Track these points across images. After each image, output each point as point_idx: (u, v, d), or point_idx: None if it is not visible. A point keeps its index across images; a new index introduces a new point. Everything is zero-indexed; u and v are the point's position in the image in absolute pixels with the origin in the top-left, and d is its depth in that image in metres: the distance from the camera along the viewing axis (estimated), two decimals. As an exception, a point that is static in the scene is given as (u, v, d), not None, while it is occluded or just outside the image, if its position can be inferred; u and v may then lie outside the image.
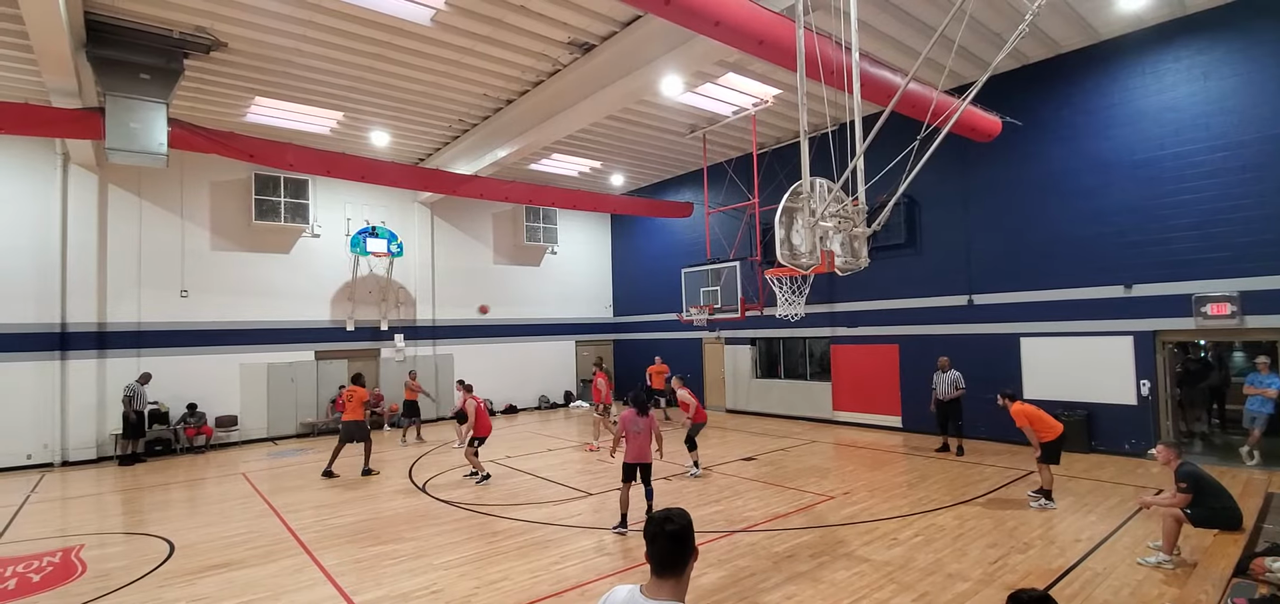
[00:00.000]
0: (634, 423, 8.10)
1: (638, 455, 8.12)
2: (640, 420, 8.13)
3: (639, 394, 8.32)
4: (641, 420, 8.12)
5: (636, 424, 8.11)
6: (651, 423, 8.19)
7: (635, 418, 8.12)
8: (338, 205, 18.26)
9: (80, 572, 7.33)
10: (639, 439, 8.11)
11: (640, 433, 8.10)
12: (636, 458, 8.11)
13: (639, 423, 8.11)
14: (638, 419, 8.12)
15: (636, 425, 8.11)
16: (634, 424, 8.10)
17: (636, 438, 8.10)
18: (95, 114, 10.80)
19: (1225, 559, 5.59)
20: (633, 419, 8.12)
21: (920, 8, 10.44)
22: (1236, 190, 10.51)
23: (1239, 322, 10.41)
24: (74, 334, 14.22)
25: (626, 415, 8.13)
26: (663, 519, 2.30)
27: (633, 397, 8.32)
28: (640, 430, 8.11)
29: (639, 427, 8.10)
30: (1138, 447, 11.43)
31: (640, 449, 8.12)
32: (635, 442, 8.10)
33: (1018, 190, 13.07)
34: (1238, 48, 10.55)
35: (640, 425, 8.12)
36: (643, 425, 8.11)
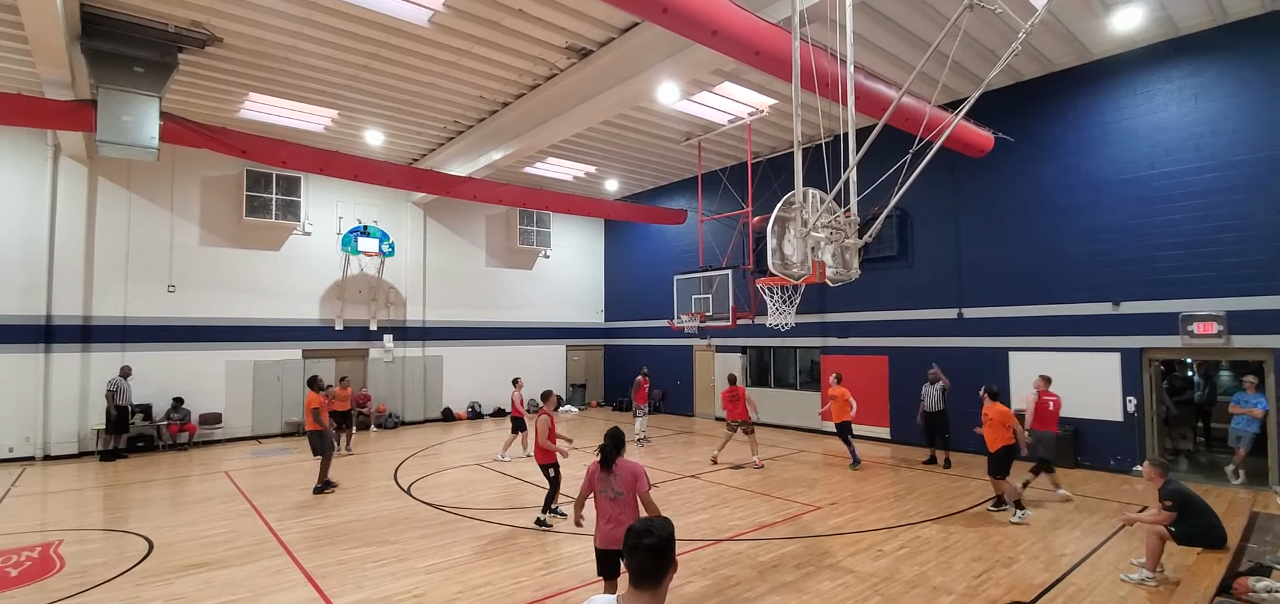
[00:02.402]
0: (605, 482, 5.11)
1: (609, 538, 5.05)
2: (613, 479, 5.08)
3: (606, 444, 5.24)
4: (615, 478, 5.08)
5: (610, 485, 5.09)
6: (635, 482, 5.05)
7: (602, 475, 5.14)
8: (330, 203, 18.18)
9: (58, 567, 7.23)
10: (614, 509, 5.07)
11: (616, 500, 5.07)
12: (607, 541, 5.07)
13: (609, 482, 5.10)
14: (609, 478, 5.10)
15: (610, 487, 5.09)
16: (606, 485, 5.11)
17: (609, 507, 5.09)
18: (87, 106, 10.71)
19: (1209, 578, 5.62)
20: (600, 476, 5.15)
21: (915, 22, 10.51)
22: (1225, 211, 10.62)
23: (1226, 341, 10.49)
24: (59, 327, 14.07)
25: (592, 469, 5.24)
26: (642, 532, 2.28)
27: (600, 446, 5.29)
28: (616, 495, 5.07)
29: (613, 488, 5.08)
30: (1123, 463, 11.49)
31: (614, 528, 5.01)
32: (607, 513, 5.11)
33: (1009, 205, 13.16)
34: (1229, 70, 10.67)
35: (615, 487, 5.07)
36: (620, 486, 5.06)
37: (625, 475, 5.12)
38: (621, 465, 5.14)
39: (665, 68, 10.46)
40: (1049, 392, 10.31)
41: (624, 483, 5.11)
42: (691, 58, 10.02)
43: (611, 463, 5.14)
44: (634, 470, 5.10)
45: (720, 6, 7.67)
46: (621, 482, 5.11)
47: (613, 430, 5.33)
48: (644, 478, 5.10)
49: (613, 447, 5.23)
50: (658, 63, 10.49)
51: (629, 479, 5.10)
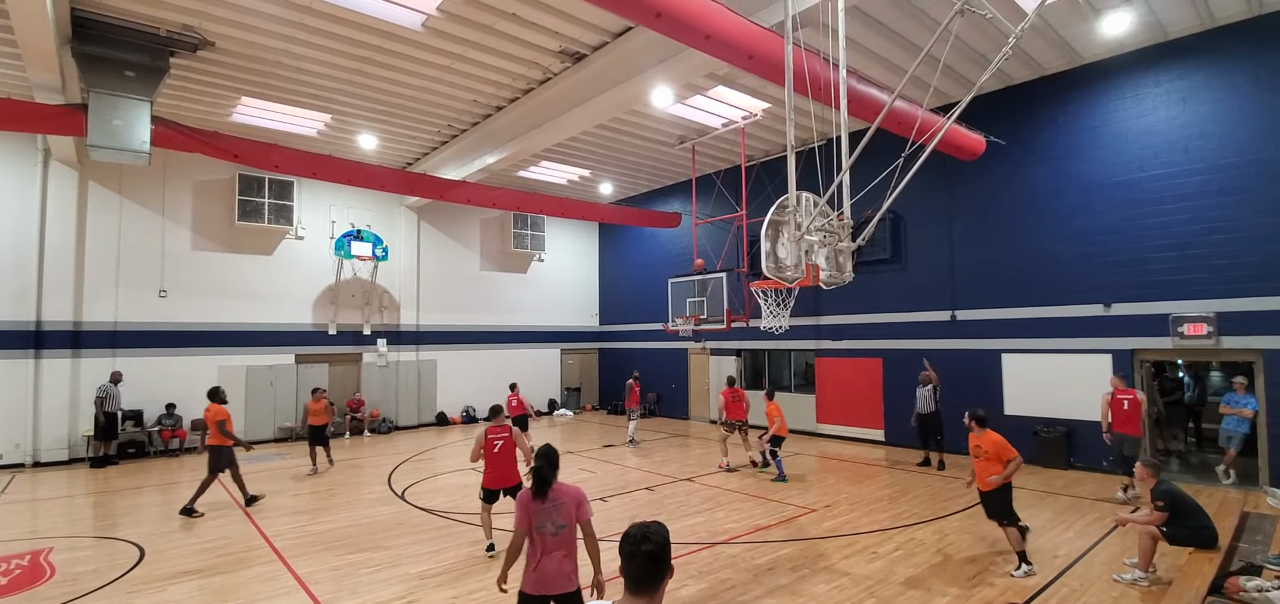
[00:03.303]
0: (545, 515, 4.23)
1: (545, 581, 4.18)
2: (554, 509, 4.24)
3: (541, 465, 4.36)
4: (557, 509, 4.24)
5: (547, 519, 4.22)
6: (580, 509, 4.32)
7: (538, 506, 4.24)
8: (323, 207, 18.11)
9: (49, 575, 7.17)
10: (556, 544, 4.23)
11: (558, 535, 4.22)
12: (543, 586, 4.19)
13: (548, 514, 4.23)
14: (548, 509, 4.24)
15: (547, 522, 4.22)
16: (545, 518, 4.23)
17: (549, 544, 4.21)
18: (78, 110, 10.64)
19: (1200, 578, 5.64)
20: (536, 508, 4.24)
21: (907, 27, 10.57)
22: (1214, 213, 10.70)
23: (1216, 342, 10.57)
24: (49, 332, 13.95)
25: (524, 499, 4.30)
26: (639, 538, 2.27)
27: (533, 468, 4.39)
28: (558, 530, 4.23)
29: (554, 522, 4.22)
30: (1116, 464, 11.54)
31: (553, 568, 4.19)
32: (541, 548, 4.22)
33: (1001, 208, 13.23)
34: (1217, 74, 10.77)
35: (557, 519, 4.23)
36: (563, 518, 4.24)
37: (568, 503, 4.28)
38: (562, 492, 4.32)
39: (659, 72, 10.48)
40: (1124, 389, 10.13)
41: (567, 513, 4.25)
42: (685, 62, 10.04)
43: (547, 489, 4.27)
44: (577, 495, 4.35)
45: (714, 11, 7.69)
46: (564, 512, 4.25)
47: (545, 449, 4.44)
48: (587, 503, 4.39)
49: (549, 469, 4.33)
50: (651, 67, 10.51)
51: (573, 506, 4.28)
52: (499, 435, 7.77)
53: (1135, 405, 10.01)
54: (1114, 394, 10.18)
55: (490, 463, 7.76)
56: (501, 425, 7.91)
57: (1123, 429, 10.00)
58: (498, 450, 7.76)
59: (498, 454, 7.74)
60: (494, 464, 7.74)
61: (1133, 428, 9.98)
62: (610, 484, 11.41)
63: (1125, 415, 10.01)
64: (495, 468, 7.76)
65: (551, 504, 4.25)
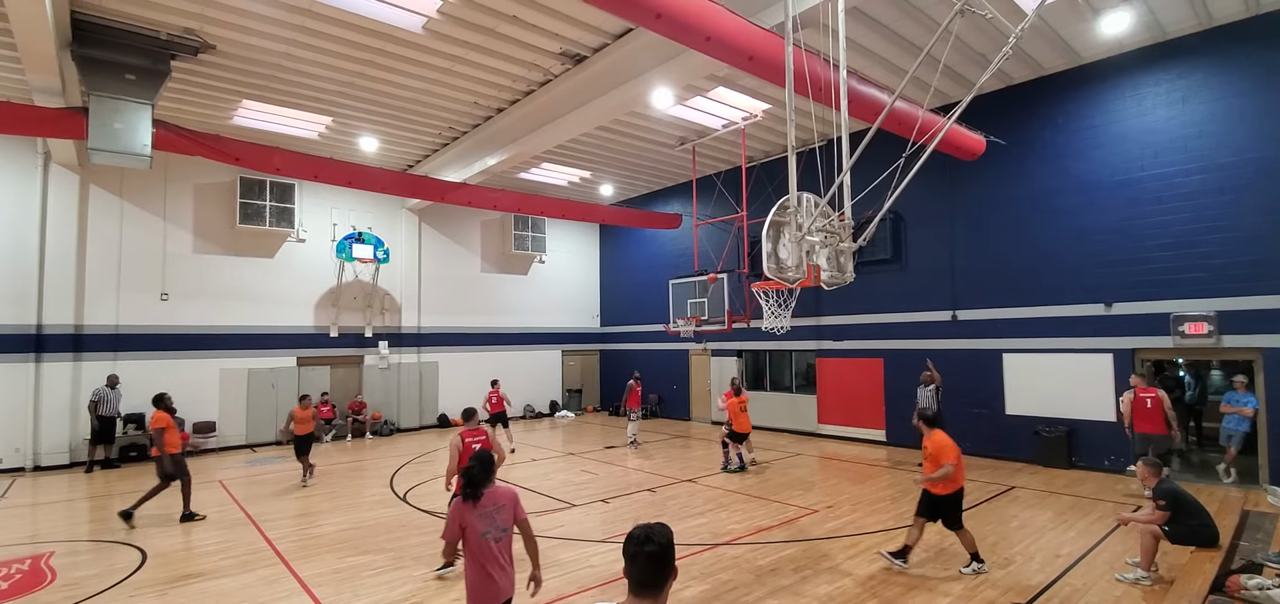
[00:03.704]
0: (486, 519, 4.04)
1: (497, 593, 4.04)
2: (495, 512, 4.08)
3: (473, 468, 4.13)
4: (498, 512, 4.10)
5: (494, 522, 4.07)
6: (517, 510, 4.22)
7: (475, 511, 4.03)
8: (324, 210, 18.12)
9: (50, 580, 7.17)
10: (499, 551, 4.06)
11: (498, 543, 4.06)
12: (495, 598, 4.04)
13: (489, 518, 4.05)
14: (486, 512, 4.05)
15: (493, 525, 4.06)
16: (488, 522, 4.05)
17: (492, 551, 4.02)
18: (78, 114, 10.66)
19: (1202, 576, 5.65)
20: (471, 513, 4.03)
21: (907, 28, 10.58)
22: (1214, 212, 10.71)
23: (1216, 340, 10.58)
24: (50, 336, 13.96)
25: (458, 508, 4.08)
26: (643, 539, 2.26)
27: (463, 469, 4.23)
28: (501, 534, 4.09)
29: (497, 526, 4.08)
30: (1117, 463, 11.55)
31: (502, 577, 4.04)
32: (483, 556, 4.01)
33: (1001, 208, 13.24)
34: (1215, 73, 10.78)
35: (495, 525, 4.06)
36: (504, 521, 4.13)
37: (507, 505, 4.15)
38: (499, 494, 4.15)
39: (659, 73, 10.50)
40: (1146, 388, 9.98)
41: (507, 516, 4.14)
42: (685, 63, 10.06)
43: (481, 492, 4.07)
44: (513, 495, 4.22)
45: (714, 12, 7.70)
46: (505, 516, 4.12)
47: (480, 453, 4.24)
48: (521, 503, 4.30)
49: (481, 470, 4.12)
50: (652, 68, 10.53)
51: (511, 507, 4.18)
52: (475, 438, 7.33)
53: (1157, 403, 9.90)
54: (1136, 393, 10.01)
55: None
56: (477, 428, 7.44)
57: (1146, 428, 9.84)
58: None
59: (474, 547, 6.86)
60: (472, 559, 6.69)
61: (1157, 426, 9.84)
62: (612, 486, 11.42)
63: (1148, 414, 9.89)
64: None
65: (490, 508, 4.09)
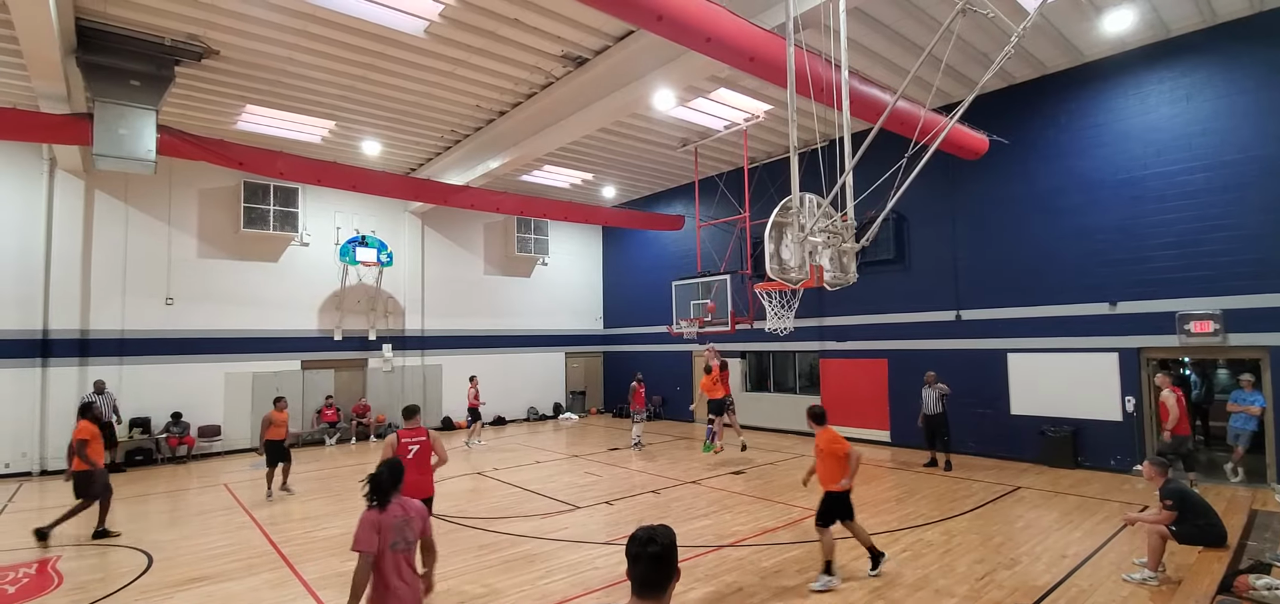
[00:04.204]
0: (392, 529, 3.94)
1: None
2: (400, 522, 3.99)
3: (381, 474, 4.05)
4: (406, 521, 4.02)
5: (400, 535, 3.97)
6: (426, 522, 4.21)
7: (388, 520, 3.94)
8: (327, 214, 18.17)
9: (57, 583, 7.19)
10: (403, 563, 3.97)
11: (405, 553, 3.99)
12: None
13: (400, 529, 3.98)
14: (394, 522, 3.96)
15: (400, 538, 3.96)
16: (398, 534, 3.96)
17: (396, 562, 3.93)
18: (84, 120, 10.72)
19: (1209, 576, 5.62)
20: (388, 523, 3.94)
21: (909, 27, 10.57)
22: (1219, 210, 10.67)
23: (1222, 339, 10.53)
24: (56, 341, 14.03)
25: (371, 518, 3.93)
26: (645, 540, 2.26)
27: (372, 476, 4.06)
28: (408, 546, 4.03)
29: (400, 538, 3.96)
30: (1123, 463, 11.50)
31: (400, 597, 3.91)
32: (394, 569, 3.91)
33: (1005, 207, 13.20)
34: (1219, 70, 10.74)
35: (405, 538, 3.99)
36: (413, 533, 4.06)
37: (416, 517, 4.10)
38: (408, 505, 4.12)
39: (661, 75, 10.51)
40: (1174, 386, 9.68)
41: (416, 529, 4.10)
42: (687, 65, 10.06)
43: (390, 500, 4.00)
44: (422, 508, 4.23)
45: (715, 14, 7.71)
46: (414, 527, 4.08)
47: (389, 460, 4.17)
48: (428, 519, 4.32)
49: (390, 477, 4.05)
50: (653, 70, 10.54)
51: (420, 521, 4.14)
52: (414, 439, 6.73)
53: (1181, 402, 9.70)
54: (1175, 394, 9.57)
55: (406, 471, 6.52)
56: (416, 428, 6.89)
57: (1181, 430, 9.55)
58: (412, 456, 6.62)
59: (412, 460, 6.54)
60: (410, 472, 5.93)
61: (1181, 427, 9.59)
62: (616, 488, 11.42)
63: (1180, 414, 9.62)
64: (412, 475, 6.09)
65: (400, 518, 4.01)
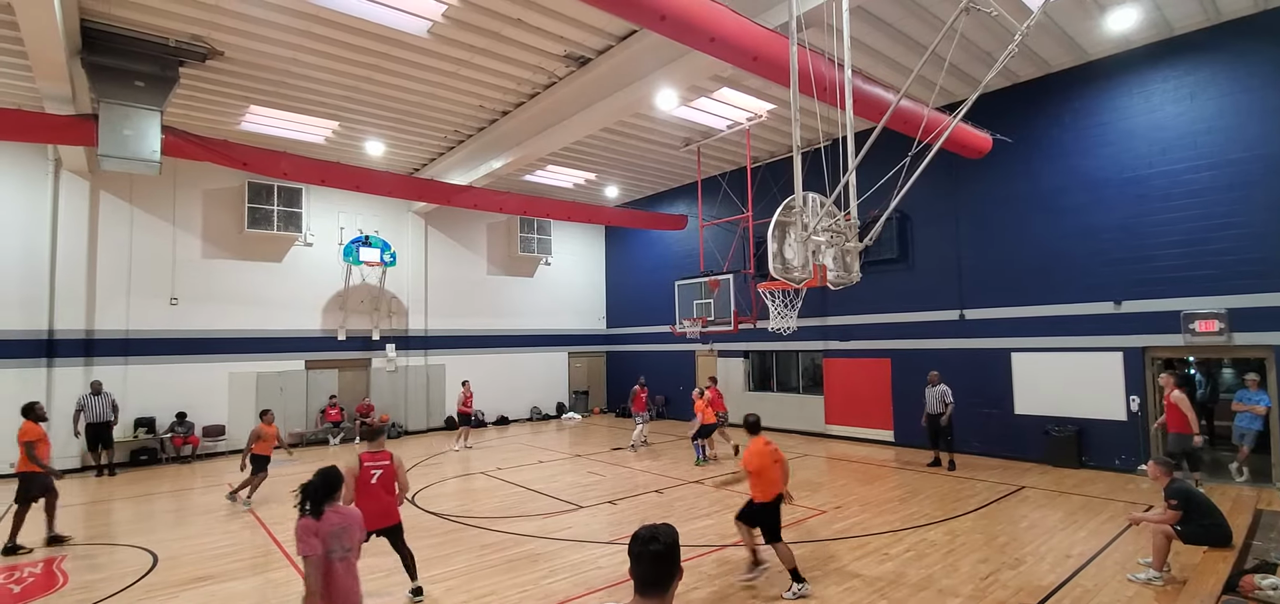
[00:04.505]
0: (330, 537, 3.96)
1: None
2: (339, 529, 4.01)
3: (315, 484, 4.06)
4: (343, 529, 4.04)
5: (336, 542, 3.97)
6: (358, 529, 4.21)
7: (326, 528, 3.95)
8: (331, 214, 18.21)
9: (62, 583, 7.23)
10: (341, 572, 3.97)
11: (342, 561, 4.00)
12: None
13: (338, 536, 3.99)
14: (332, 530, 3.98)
15: (336, 545, 3.97)
16: (332, 541, 3.96)
17: (333, 571, 3.94)
18: (89, 121, 10.76)
19: (1215, 576, 5.60)
20: (326, 531, 3.95)
21: (912, 26, 10.55)
22: (1224, 209, 10.63)
23: (1227, 338, 10.48)
24: (61, 341, 14.08)
25: (307, 526, 3.95)
26: (648, 538, 2.26)
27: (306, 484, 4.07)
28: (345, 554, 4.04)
29: (337, 546, 3.97)
30: (1128, 462, 11.46)
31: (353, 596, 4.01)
32: (332, 577, 3.93)
33: (1008, 206, 13.17)
34: (1223, 69, 10.70)
35: (340, 545, 3.99)
36: (349, 540, 4.07)
37: (353, 526, 4.09)
38: (345, 513, 4.11)
39: (664, 74, 10.51)
40: (1177, 385, 9.46)
41: (352, 537, 4.06)
42: (690, 64, 10.06)
43: (323, 509, 3.98)
44: (359, 516, 4.27)
45: (718, 13, 7.70)
46: (351, 536, 4.05)
47: (323, 470, 4.17)
48: (361, 523, 4.31)
49: (323, 486, 4.05)
50: (656, 70, 10.53)
51: (357, 529, 4.13)
52: (377, 464, 6.29)
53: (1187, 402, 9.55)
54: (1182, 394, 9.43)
55: (364, 496, 6.09)
56: (380, 451, 6.42)
57: (1177, 428, 9.42)
58: (376, 481, 6.25)
59: (375, 486, 6.22)
60: (370, 498, 6.10)
61: (1182, 425, 9.40)
62: (619, 487, 11.42)
63: (1176, 414, 9.46)
64: (371, 503, 6.08)
65: (337, 527, 3.99)
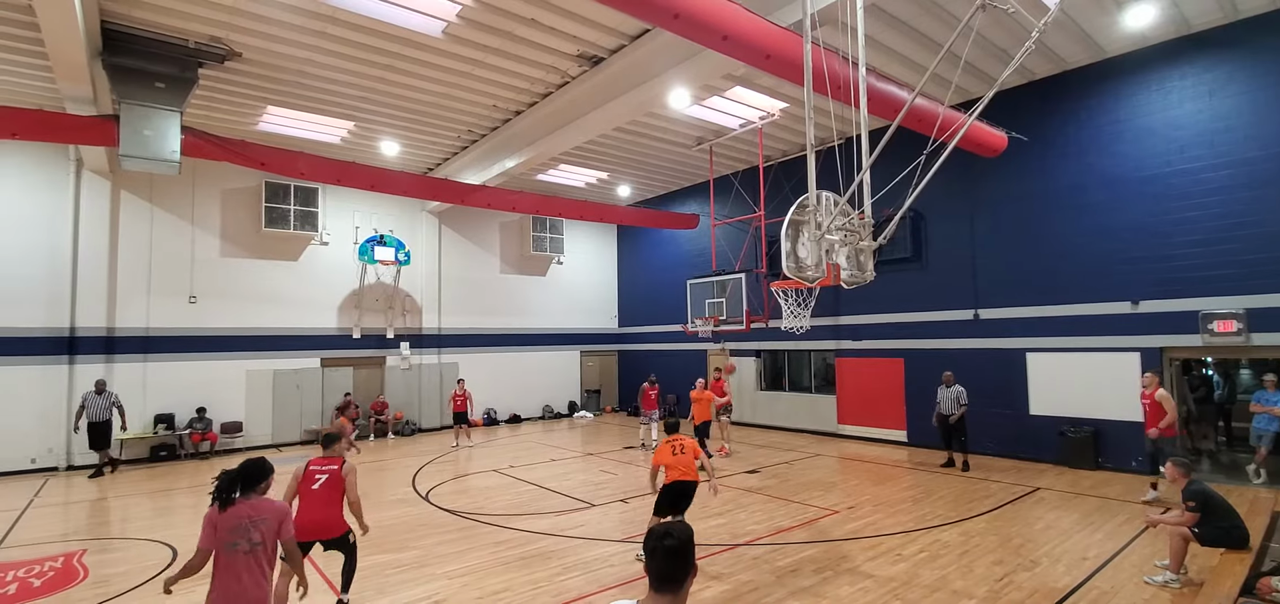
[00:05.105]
0: (230, 530, 3.88)
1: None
2: (243, 523, 3.89)
3: (230, 472, 4.05)
4: (252, 522, 3.90)
5: (241, 536, 3.86)
6: (279, 524, 4.02)
7: (227, 521, 3.89)
8: (346, 213, 18.38)
9: (82, 577, 7.35)
10: (241, 566, 3.84)
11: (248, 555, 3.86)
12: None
13: (243, 530, 3.87)
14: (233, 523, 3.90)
15: (240, 536, 3.87)
16: (231, 534, 3.87)
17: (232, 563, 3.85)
18: (109, 121, 10.92)
19: (1232, 578, 5.54)
20: (224, 523, 3.90)
21: (927, 24, 10.50)
22: (1242, 208, 10.49)
23: (1246, 339, 10.35)
24: (83, 338, 14.32)
25: (210, 517, 3.94)
26: (662, 534, 2.29)
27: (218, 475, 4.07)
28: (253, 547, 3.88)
29: (243, 538, 3.87)
30: (1145, 464, 11.33)
31: (241, 592, 3.84)
32: (228, 569, 3.85)
33: (1024, 205, 13.06)
34: (1242, 66, 10.56)
35: (247, 536, 3.86)
36: (259, 534, 3.90)
37: (271, 517, 3.94)
38: (262, 506, 3.99)
39: (676, 74, 10.52)
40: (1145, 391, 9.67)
41: (268, 529, 3.89)
42: (703, 63, 10.07)
43: (233, 500, 3.94)
44: (282, 511, 4.03)
45: (731, 11, 7.71)
46: (264, 528, 3.88)
47: (247, 461, 4.15)
48: (290, 519, 4.10)
49: (238, 478, 3.98)
50: (669, 69, 10.55)
51: (276, 522, 3.94)
52: (323, 469, 5.88)
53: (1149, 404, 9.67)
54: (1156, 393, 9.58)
55: (305, 503, 5.69)
56: (331, 457, 6.03)
57: (1170, 431, 9.48)
58: (318, 487, 5.78)
59: (317, 493, 5.75)
60: (310, 506, 5.70)
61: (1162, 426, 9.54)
62: (631, 486, 11.45)
63: (1153, 414, 9.65)
64: (311, 510, 5.68)
65: (246, 519, 3.89)
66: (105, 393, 13.50)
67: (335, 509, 5.83)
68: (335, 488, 5.83)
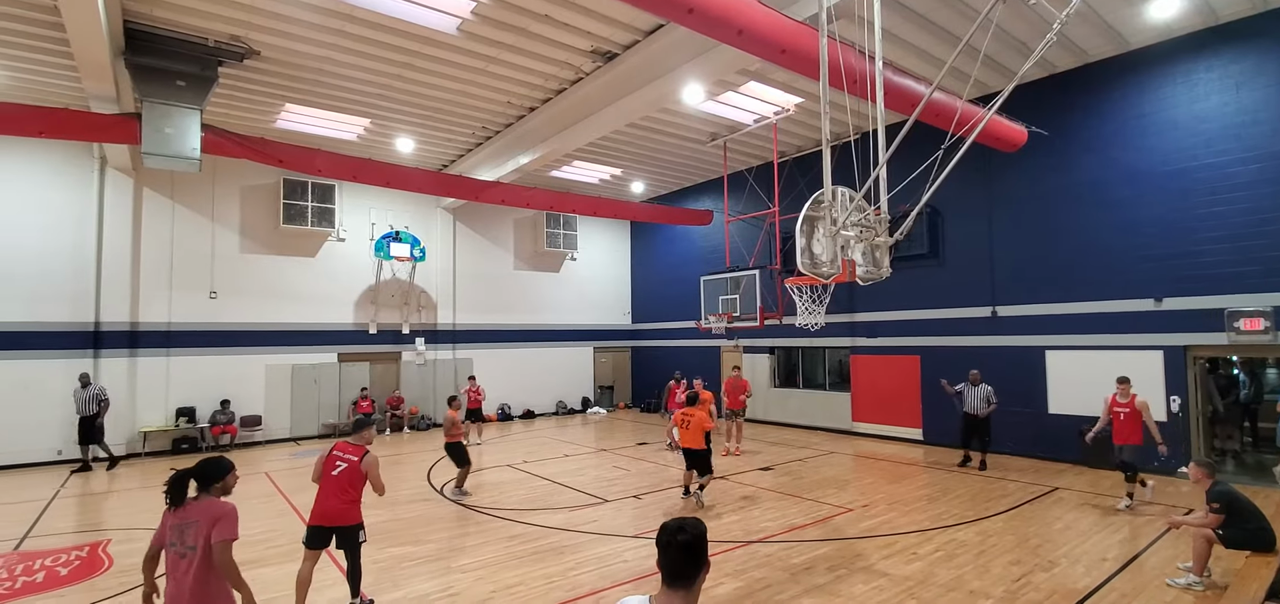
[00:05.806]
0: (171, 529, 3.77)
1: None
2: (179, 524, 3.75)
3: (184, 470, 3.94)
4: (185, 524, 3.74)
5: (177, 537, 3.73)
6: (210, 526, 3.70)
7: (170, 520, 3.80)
8: (363, 210, 18.55)
9: (107, 566, 7.50)
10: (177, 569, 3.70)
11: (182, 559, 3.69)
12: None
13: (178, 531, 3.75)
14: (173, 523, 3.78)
15: (176, 540, 3.73)
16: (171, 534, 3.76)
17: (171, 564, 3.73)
18: (132, 120, 11.10)
19: (1257, 581, 5.43)
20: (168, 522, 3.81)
21: (945, 17, 10.36)
22: (1270, 203, 10.26)
23: (1273, 337, 10.12)
24: (107, 333, 14.58)
25: (165, 514, 3.86)
26: (676, 529, 2.28)
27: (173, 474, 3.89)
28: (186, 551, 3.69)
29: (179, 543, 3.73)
30: (1168, 464, 11.14)
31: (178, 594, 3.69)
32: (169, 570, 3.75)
33: (1044, 201, 12.87)
34: (1271, 58, 10.31)
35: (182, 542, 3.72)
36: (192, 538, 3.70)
37: (202, 520, 3.68)
38: (201, 508, 3.76)
39: (690, 69, 10.47)
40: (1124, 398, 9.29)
41: (198, 532, 3.65)
42: (717, 58, 10.01)
43: (183, 499, 3.79)
44: (216, 512, 3.75)
45: (746, 5, 7.66)
46: (195, 532, 3.66)
47: (205, 459, 4.00)
48: (227, 521, 3.75)
49: (191, 475, 3.86)
50: (683, 64, 10.50)
51: (207, 524, 3.67)
52: (345, 456, 5.83)
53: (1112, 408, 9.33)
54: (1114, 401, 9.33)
55: (323, 489, 5.76)
56: (356, 445, 5.95)
57: (1123, 440, 9.19)
58: (336, 474, 5.74)
59: (336, 480, 5.72)
60: (326, 492, 5.74)
61: (1134, 437, 9.19)
62: (644, 482, 11.46)
63: (1124, 425, 9.22)
64: (326, 497, 5.72)
65: (186, 521, 3.71)
66: (90, 386, 13.34)
67: (349, 500, 5.81)
68: (352, 478, 5.81)
